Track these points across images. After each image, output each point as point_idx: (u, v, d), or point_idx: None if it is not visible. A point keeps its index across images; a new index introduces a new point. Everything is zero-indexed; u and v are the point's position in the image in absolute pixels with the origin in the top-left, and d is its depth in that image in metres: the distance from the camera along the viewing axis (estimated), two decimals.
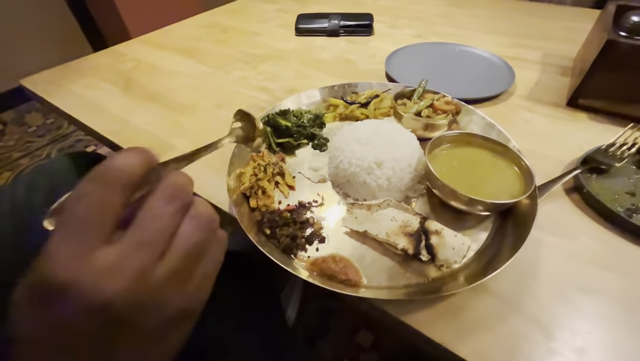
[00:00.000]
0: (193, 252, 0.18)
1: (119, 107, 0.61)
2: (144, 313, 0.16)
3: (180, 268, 0.17)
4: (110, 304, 0.15)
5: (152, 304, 0.16)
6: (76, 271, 0.14)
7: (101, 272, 0.15)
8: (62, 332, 0.15)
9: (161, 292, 0.16)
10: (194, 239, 0.18)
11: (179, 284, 0.17)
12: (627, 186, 0.41)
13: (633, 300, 0.31)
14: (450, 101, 0.48)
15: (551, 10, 0.94)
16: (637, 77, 0.48)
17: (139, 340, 0.17)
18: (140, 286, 0.15)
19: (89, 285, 0.14)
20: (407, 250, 0.34)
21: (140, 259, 0.16)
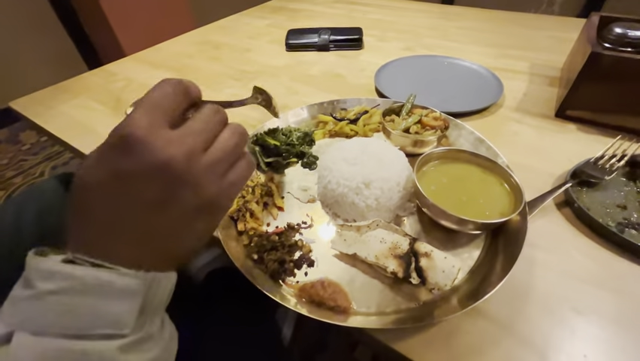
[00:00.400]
0: (228, 153, 0.22)
1: (109, 128, 0.60)
2: (188, 188, 0.20)
3: (218, 163, 0.21)
4: (168, 164, 0.18)
5: (195, 182, 0.20)
6: (148, 133, 0.18)
7: (164, 141, 0.19)
8: (124, 180, 0.18)
9: (202, 175, 0.20)
10: (230, 143, 0.22)
11: (215, 176, 0.21)
12: (618, 199, 0.41)
13: (627, 319, 0.31)
14: (438, 116, 0.48)
15: (537, 20, 0.96)
16: (622, 88, 0.48)
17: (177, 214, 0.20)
18: (189, 163, 0.19)
19: (155, 145, 0.18)
20: (397, 273, 0.33)
21: (192, 142, 0.20)
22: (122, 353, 0.17)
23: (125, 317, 0.18)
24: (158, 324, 0.20)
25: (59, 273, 0.17)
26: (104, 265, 0.18)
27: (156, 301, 0.20)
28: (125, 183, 0.19)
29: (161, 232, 0.20)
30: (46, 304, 0.17)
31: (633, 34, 0.52)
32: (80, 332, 0.17)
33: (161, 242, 0.20)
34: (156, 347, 0.20)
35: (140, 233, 0.20)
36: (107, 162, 0.19)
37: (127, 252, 0.19)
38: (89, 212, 0.19)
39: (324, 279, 0.34)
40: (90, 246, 0.19)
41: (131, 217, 0.19)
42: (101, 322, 0.17)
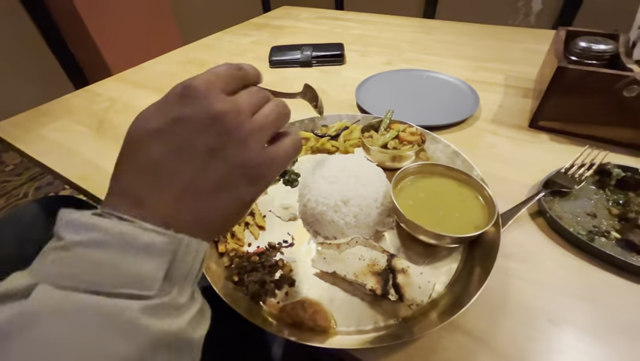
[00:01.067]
0: (270, 122, 0.23)
1: (90, 151, 0.61)
2: (235, 144, 0.21)
3: (261, 129, 0.22)
4: (222, 116, 0.20)
5: (242, 139, 0.21)
6: (207, 89, 0.21)
7: (219, 98, 0.21)
8: (181, 125, 0.20)
9: (249, 136, 0.22)
10: (272, 114, 0.24)
11: (259, 142, 0.22)
12: (588, 208, 0.42)
13: (600, 329, 0.32)
14: (414, 131, 0.50)
15: (513, 33, 0.99)
16: (588, 99, 0.51)
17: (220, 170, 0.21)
18: (238, 120, 0.21)
19: (212, 99, 0.20)
20: (375, 290, 0.33)
21: (241, 106, 0.22)
22: (143, 314, 0.16)
23: (149, 277, 0.17)
24: (187, 295, 0.19)
25: (86, 224, 0.17)
26: (130, 219, 0.18)
27: (185, 268, 0.19)
28: (183, 128, 0.20)
29: (201, 188, 0.20)
30: (72, 255, 0.17)
31: (597, 48, 0.55)
32: (103, 289, 0.16)
33: (199, 201, 0.20)
34: (182, 319, 0.18)
35: (181, 186, 0.20)
36: (168, 109, 0.20)
37: (162, 207, 0.19)
38: (137, 160, 0.20)
39: (305, 299, 0.34)
40: (125, 197, 0.19)
41: (179, 166, 0.20)
42: (124, 279, 0.17)
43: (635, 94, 0.45)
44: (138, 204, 0.19)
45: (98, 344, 0.15)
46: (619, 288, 0.35)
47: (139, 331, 0.16)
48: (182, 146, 0.20)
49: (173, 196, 0.19)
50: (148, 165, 0.20)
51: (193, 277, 0.20)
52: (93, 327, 0.15)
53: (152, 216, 0.19)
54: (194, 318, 0.19)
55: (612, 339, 0.31)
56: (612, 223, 0.40)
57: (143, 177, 0.20)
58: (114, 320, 0.16)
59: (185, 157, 0.20)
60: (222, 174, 0.21)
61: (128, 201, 0.19)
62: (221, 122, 0.20)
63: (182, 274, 0.19)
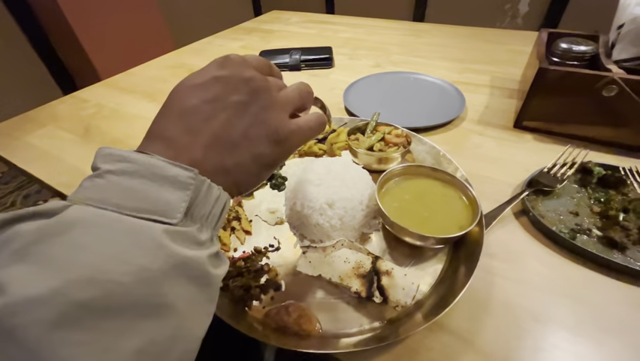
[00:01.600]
0: (294, 98, 0.26)
1: (76, 158, 0.60)
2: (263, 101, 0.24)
3: (284, 101, 0.25)
4: (254, 78, 0.24)
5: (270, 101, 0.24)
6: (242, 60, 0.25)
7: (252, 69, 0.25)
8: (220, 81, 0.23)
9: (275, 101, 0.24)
10: (296, 91, 0.27)
11: (283, 109, 0.25)
12: (571, 206, 0.43)
13: (583, 327, 0.32)
14: (400, 133, 0.50)
15: (498, 34, 1.01)
16: (569, 99, 0.51)
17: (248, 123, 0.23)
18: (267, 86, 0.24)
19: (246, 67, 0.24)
20: (360, 292, 0.33)
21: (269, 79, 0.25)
22: (166, 235, 0.18)
23: (172, 206, 0.19)
24: (207, 236, 0.20)
25: (120, 156, 0.19)
26: (159, 157, 0.20)
27: (206, 209, 0.20)
28: (219, 84, 0.23)
29: (228, 137, 0.22)
30: (105, 182, 0.18)
31: (577, 49, 0.56)
32: (131, 212, 0.18)
33: (225, 150, 0.22)
34: (202, 252, 0.19)
35: (211, 133, 0.22)
36: (209, 71, 0.23)
37: (191, 151, 0.21)
38: (175, 108, 0.22)
39: (289, 303, 0.34)
40: (159, 140, 0.21)
41: (212, 113, 0.22)
42: (149, 205, 0.18)
43: (613, 94, 0.46)
44: (169, 146, 0.21)
45: (124, 251, 0.16)
46: (601, 285, 0.35)
47: (161, 248, 0.17)
48: (216, 98, 0.22)
49: (202, 142, 0.21)
50: (184, 111, 0.22)
51: (214, 221, 0.21)
52: (121, 238, 0.17)
53: (181, 157, 0.20)
54: (212, 256, 0.20)
55: (595, 337, 0.31)
56: (594, 221, 0.40)
57: (178, 121, 0.22)
58: (140, 235, 0.17)
59: (218, 108, 0.22)
60: (247, 128, 0.23)
61: (160, 143, 0.21)
62: (252, 84, 0.23)
63: (204, 215, 0.20)
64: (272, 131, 0.24)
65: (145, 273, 0.16)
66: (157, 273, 0.17)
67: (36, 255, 0.15)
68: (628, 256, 0.36)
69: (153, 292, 0.17)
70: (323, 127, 0.28)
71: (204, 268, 0.19)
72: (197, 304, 0.19)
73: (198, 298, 0.19)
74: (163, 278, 0.17)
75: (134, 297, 0.16)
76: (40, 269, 0.15)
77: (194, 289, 0.19)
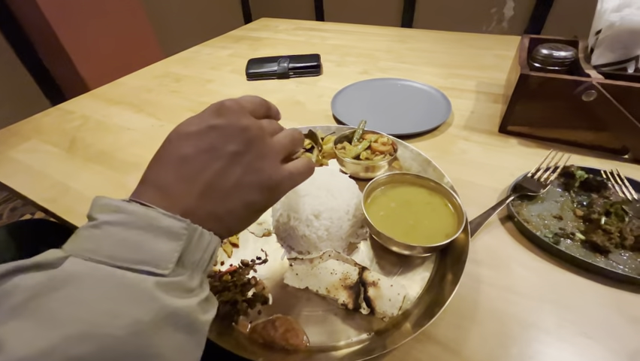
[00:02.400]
0: (286, 144, 0.27)
1: (60, 172, 0.59)
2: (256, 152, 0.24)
3: (277, 148, 0.26)
4: (248, 128, 0.24)
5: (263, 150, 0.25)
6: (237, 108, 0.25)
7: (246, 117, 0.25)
8: (216, 130, 0.23)
9: (268, 149, 0.25)
10: (288, 138, 0.27)
11: (276, 157, 0.26)
12: (555, 210, 0.43)
13: (568, 331, 0.32)
14: (386, 141, 0.50)
15: (483, 39, 1.03)
16: (550, 104, 0.52)
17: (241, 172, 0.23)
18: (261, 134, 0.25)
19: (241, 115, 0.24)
20: (347, 304, 0.33)
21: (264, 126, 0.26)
22: (158, 287, 0.18)
23: (165, 258, 0.19)
24: (197, 282, 0.21)
25: (116, 206, 0.20)
26: (154, 207, 0.20)
27: (197, 256, 0.21)
28: (215, 133, 0.23)
29: (221, 187, 0.23)
30: (102, 233, 0.19)
31: (557, 55, 0.57)
32: (125, 264, 0.18)
33: (217, 199, 0.23)
34: (192, 300, 0.20)
35: (205, 182, 0.22)
36: (205, 118, 0.24)
37: (184, 199, 0.22)
38: (170, 156, 0.23)
39: (276, 318, 0.34)
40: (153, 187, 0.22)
41: (206, 163, 0.23)
42: (143, 257, 0.19)
43: (592, 98, 0.47)
44: (163, 195, 0.21)
45: (117, 305, 0.17)
46: (585, 289, 0.36)
47: (153, 300, 0.18)
48: (211, 147, 0.23)
49: (196, 191, 0.22)
50: (179, 160, 0.22)
51: (204, 266, 0.22)
52: (114, 292, 0.17)
53: (174, 206, 0.21)
54: (202, 302, 0.21)
55: (578, 342, 0.31)
56: (577, 225, 0.41)
57: (173, 170, 0.22)
58: (132, 289, 0.18)
59: (213, 157, 0.23)
60: (241, 178, 0.23)
61: (154, 191, 0.22)
62: (247, 133, 0.24)
63: (194, 261, 0.21)
64: (265, 180, 0.24)
65: (138, 326, 0.17)
66: (149, 325, 0.18)
67: (34, 310, 0.16)
68: (611, 259, 0.37)
69: (145, 344, 0.17)
70: (312, 172, 0.29)
71: (194, 316, 0.20)
72: (186, 351, 0.20)
73: (187, 345, 0.20)
74: (155, 330, 0.18)
75: (127, 349, 0.17)
76: (37, 325, 0.16)
77: (184, 337, 0.19)
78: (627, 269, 0.36)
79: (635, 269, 0.35)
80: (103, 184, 0.56)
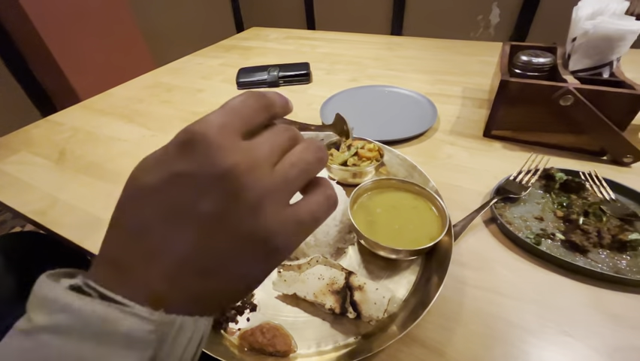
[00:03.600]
0: (296, 176, 0.18)
1: (49, 184, 0.59)
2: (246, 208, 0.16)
3: (282, 187, 0.17)
4: (230, 172, 0.16)
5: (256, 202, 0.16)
6: (218, 134, 0.16)
7: (232, 146, 0.16)
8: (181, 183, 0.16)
9: (265, 196, 0.17)
10: (301, 164, 0.18)
11: (278, 202, 0.17)
12: (536, 211, 0.45)
13: (550, 330, 0.33)
14: (372, 148, 0.51)
15: (469, 46, 1.05)
16: (531, 109, 0.54)
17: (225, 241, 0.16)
18: (253, 176, 0.16)
19: (222, 148, 0.16)
20: (334, 309, 0.34)
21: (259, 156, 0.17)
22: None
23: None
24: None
25: (56, 303, 0.14)
26: (113, 297, 0.15)
27: (177, 352, 0.16)
28: (180, 188, 0.16)
29: (199, 264, 0.16)
30: (34, 345, 0.14)
31: (536, 61, 0.59)
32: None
33: (197, 279, 0.16)
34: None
35: (174, 260, 0.16)
36: (168, 162, 0.16)
37: (150, 283, 0.16)
38: (127, 222, 0.17)
39: (264, 324, 0.34)
40: (111, 266, 0.16)
41: (172, 235, 0.16)
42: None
43: (570, 103, 0.49)
44: (124, 277, 0.16)
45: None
46: (565, 289, 0.36)
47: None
48: (177, 210, 0.16)
49: (164, 271, 0.16)
50: (138, 230, 0.16)
51: None
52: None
53: (139, 292, 0.15)
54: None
55: (560, 341, 0.32)
56: (557, 225, 0.42)
57: (131, 243, 0.16)
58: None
59: (181, 225, 0.16)
60: (226, 248, 0.17)
61: (113, 271, 0.16)
62: (230, 181, 0.16)
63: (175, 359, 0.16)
64: (261, 243, 0.17)
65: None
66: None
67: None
68: (589, 258, 0.38)
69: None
70: (334, 208, 0.20)
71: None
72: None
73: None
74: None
75: None
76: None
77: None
78: (605, 268, 0.37)
79: (612, 267, 0.37)
80: (93, 195, 0.56)
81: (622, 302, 0.34)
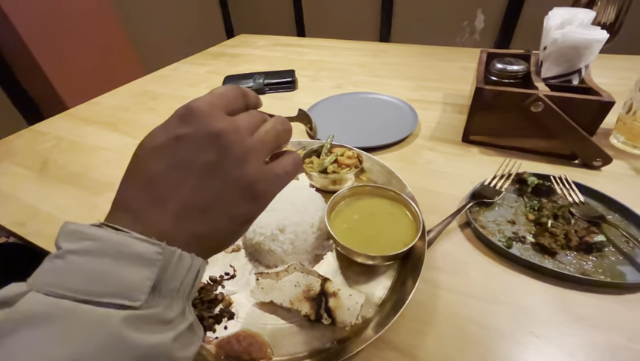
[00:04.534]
0: (270, 138, 0.24)
1: (31, 194, 0.59)
2: (234, 159, 0.21)
3: (260, 147, 0.23)
4: (221, 134, 0.21)
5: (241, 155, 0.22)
6: (208, 108, 0.21)
7: (219, 117, 0.22)
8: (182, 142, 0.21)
9: (248, 152, 0.22)
10: (272, 132, 0.24)
11: (258, 158, 0.23)
12: (509, 215, 0.46)
13: (520, 332, 0.34)
14: (351, 155, 0.53)
15: (451, 52, 1.08)
16: (505, 115, 0.56)
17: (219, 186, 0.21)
18: (238, 137, 0.22)
19: (212, 118, 0.21)
20: (309, 315, 0.34)
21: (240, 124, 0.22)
22: (125, 325, 0.16)
23: (136, 288, 0.17)
24: (178, 311, 0.19)
25: (83, 233, 0.18)
26: (126, 231, 0.19)
27: (176, 281, 0.19)
28: (183, 146, 0.21)
29: (199, 205, 0.21)
30: (65, 264, 0.17)
31: (511, 69, 0.61)
32: (91, 298, 0.16)
33: (196, 218, 0.21)
34: (167, 335, 0.18)
35: (179, 202, 0.20)
36: (170, 128, 0.21)
37: (158, 223, 0.20)
38: (138, 176, 0.21)
39: (240, 332, 0.35)
40: (125, 212, 0.20)
41: (178, 181, 0.20)
42: (112, 288, 0.17)
43: (540, 109, 0.51)
44: (136, 219, 0.20)
45: (78, 348, 0.15)
46: (534, 290, 0.38)
47: (119, 341, 0.16)
48: (181, 162, 0.21)
49: (171, 212, 0.20)
50: (148, 180, 0.20)
51: (186, 293, 0.20)
52: (74, 335, 0.16)
53: (149, 230, 0.19)
54: (180, 335, 0.19)
55: (528, 342, 0.33)
56: (529, 228, 0.44)
57: (142, 191, 0.20)
58: (96, 328, 0.16)
59: (184, 173, 0.20)
60: (220, 191, 0.21)
61: (126, 215, 0.20)
62: (220, 140, 0.21)
63: (174, 288, 0.19)
64: (247, 188, 0.22)
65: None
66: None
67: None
68: (557, 260, 0.39)
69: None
70: (300, 168, 0.26)
71: (169, 353, 0.18)
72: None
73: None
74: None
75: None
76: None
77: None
78: (572, 269, 0.38)
79: (579, 269, 0.38)
80: (75, 205, 0.56)
81: (586, 303, 0.36)
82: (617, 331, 0.33)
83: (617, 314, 0.35)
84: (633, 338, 0.32)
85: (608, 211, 0.45)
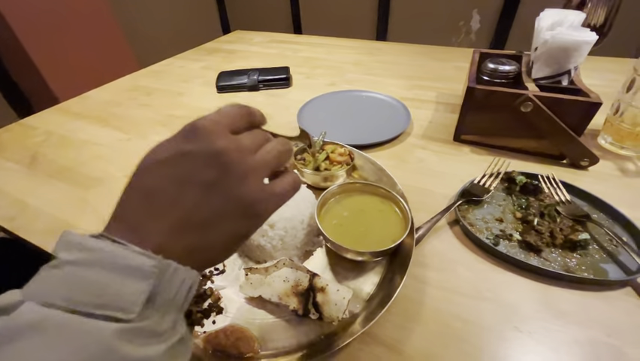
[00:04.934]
0: (272, 158, 0.25)
1: (20, 189, 0.58)
2: (235, 178, 0.22)
3: (261, 166, 0.24)
4: (223, 152, 0.22)
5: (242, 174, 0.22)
6: (213, 127, 0.22)
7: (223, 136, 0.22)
8: (186, 158, 0.21)
9: (249, 172, 0.23)
10: (273, 152, 0.25)
11: (259, 178, 0.24)
12: (497, 213, 0.47)
13: (505, 328, 0.34)
14: (343, 152, 0.53)
15: (445, 52, 1.08)
16: (496, 115, 0.56)
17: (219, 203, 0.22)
18: (240, 157, 0.22)
19: (216, 136, 0.22)
20: (297, 310, 0.35)
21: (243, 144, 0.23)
22: (117, 338, 0.16)
23: (131, 300, 0.17)
24: (169, 323, 0.19)
25: (80, 244, 0.18)
26: (123, 243, 0.19)
27: (169, 294, 0.19)
28: (186, 162, 0.21)
29: (197, 220, 0.21)
30: (61, 274, 0.17)
31: (502, 69, 0.61)
32: (86, 309, 0.17)
33: (194, 232, 0.21)
34: (158, 347, 0.18)
35: (178, 217, 0.21)
36: (175, 144, 0.22)
37: (155, 235, 0.20)
38: (139, 188, 0.21)
39: (227, 327, 0.35)
40: (123, 223, 0.20)
41: (178, 196, 0.21)
42: (106, 300, 0.17)
43: (530, 109, 0.52)
44: (133, 231, 0.20)
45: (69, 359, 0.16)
46: (519, 286, 0.38)
47: (110, 354, 0.16)
48: (183, 178, 0.21)
49: (168, 226, 0.20)
50: (149, 193, 0.21)
51: (178, 305, 0.20)
52: (65, 346, 0.16)
53: (146, 243, 0.19)
54: (172, 348, 0.19)
55: (513, 337, 0.34)
56: (516, 226, 0.44)
57: (142, 204, 0.21)
58: (88, 340, 0.16)
59: (185, 188, 0.21)
60: (219, 207, 0.22)
61: (124, 226, 0.20)
62: (223, 158, 0.22)
63: (167, 300, 0.19)
64: (246, 206, 0.23)
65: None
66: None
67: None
68: (542, 257, 0.40)
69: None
70: (298, 188, 0.27)
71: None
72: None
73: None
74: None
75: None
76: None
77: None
78: (556, 266, 0.39)
79: (563, 266, 0.39)
80: (64, 199, 0.55)
81: (569, 299, 0.37)
82: (598, 327, 0.34)
83: (599, 311, 0.35)
84: (613, 334, 0.33)
85: (594, 210, 0.45)
